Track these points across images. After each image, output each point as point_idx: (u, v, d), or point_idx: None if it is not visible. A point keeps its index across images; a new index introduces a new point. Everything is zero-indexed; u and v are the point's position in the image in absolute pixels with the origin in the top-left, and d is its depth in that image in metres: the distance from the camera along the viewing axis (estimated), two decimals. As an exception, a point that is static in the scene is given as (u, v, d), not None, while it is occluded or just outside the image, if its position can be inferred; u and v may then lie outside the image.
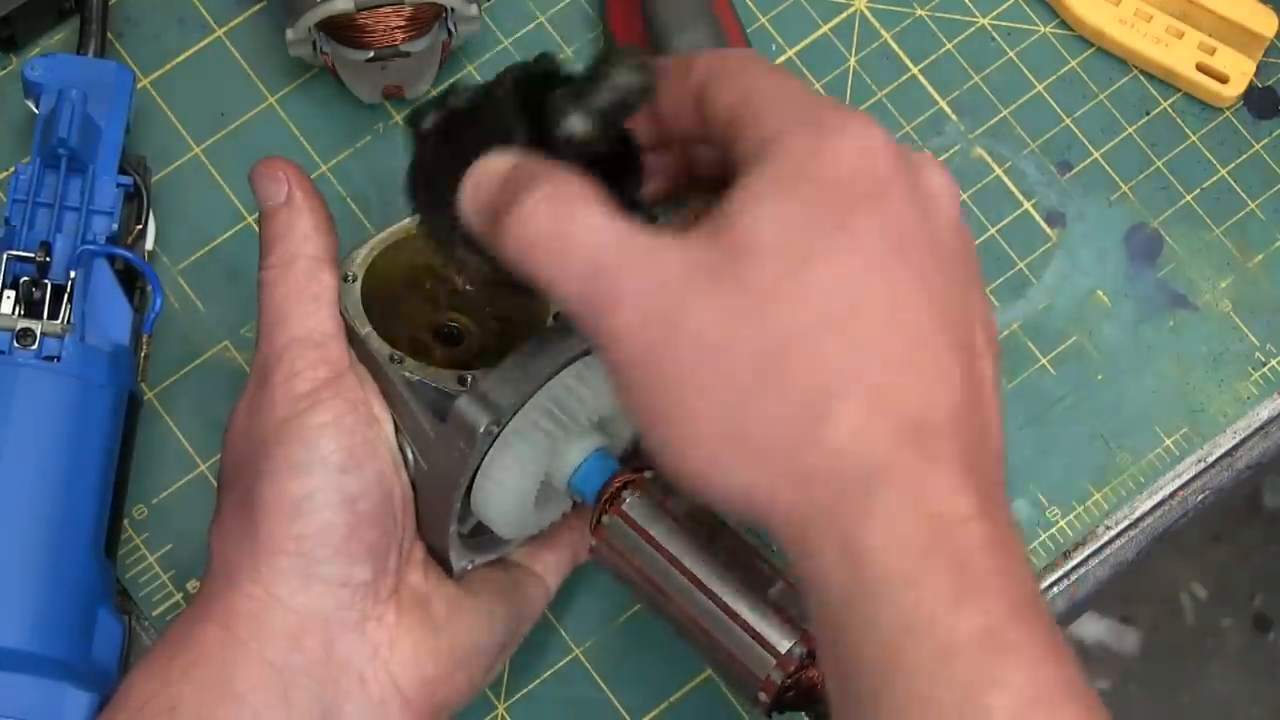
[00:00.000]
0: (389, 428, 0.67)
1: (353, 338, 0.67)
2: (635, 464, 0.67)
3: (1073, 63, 0.84)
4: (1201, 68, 0.83)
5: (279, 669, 0.64)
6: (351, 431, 0.65)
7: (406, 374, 0.67)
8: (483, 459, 0.65)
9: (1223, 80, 0.83)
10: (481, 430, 0.64)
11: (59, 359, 0.70)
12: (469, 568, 0.69)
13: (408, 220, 0.71)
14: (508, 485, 0.66)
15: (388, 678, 0.66)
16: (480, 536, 0.70)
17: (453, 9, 0.77)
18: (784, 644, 0.63)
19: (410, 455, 0.67)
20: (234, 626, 0.65)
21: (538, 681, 0.76)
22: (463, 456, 0.65)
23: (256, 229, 0.79)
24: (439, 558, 0.69)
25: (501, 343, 0.70)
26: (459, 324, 0.71)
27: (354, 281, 0.69)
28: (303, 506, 0.64)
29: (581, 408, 0.66)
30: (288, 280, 0.67)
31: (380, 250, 0.70)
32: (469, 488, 0.66)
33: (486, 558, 0.70)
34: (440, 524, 0.67)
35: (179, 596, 0.75)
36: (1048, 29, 0.84)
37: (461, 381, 0.66)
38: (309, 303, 0.67)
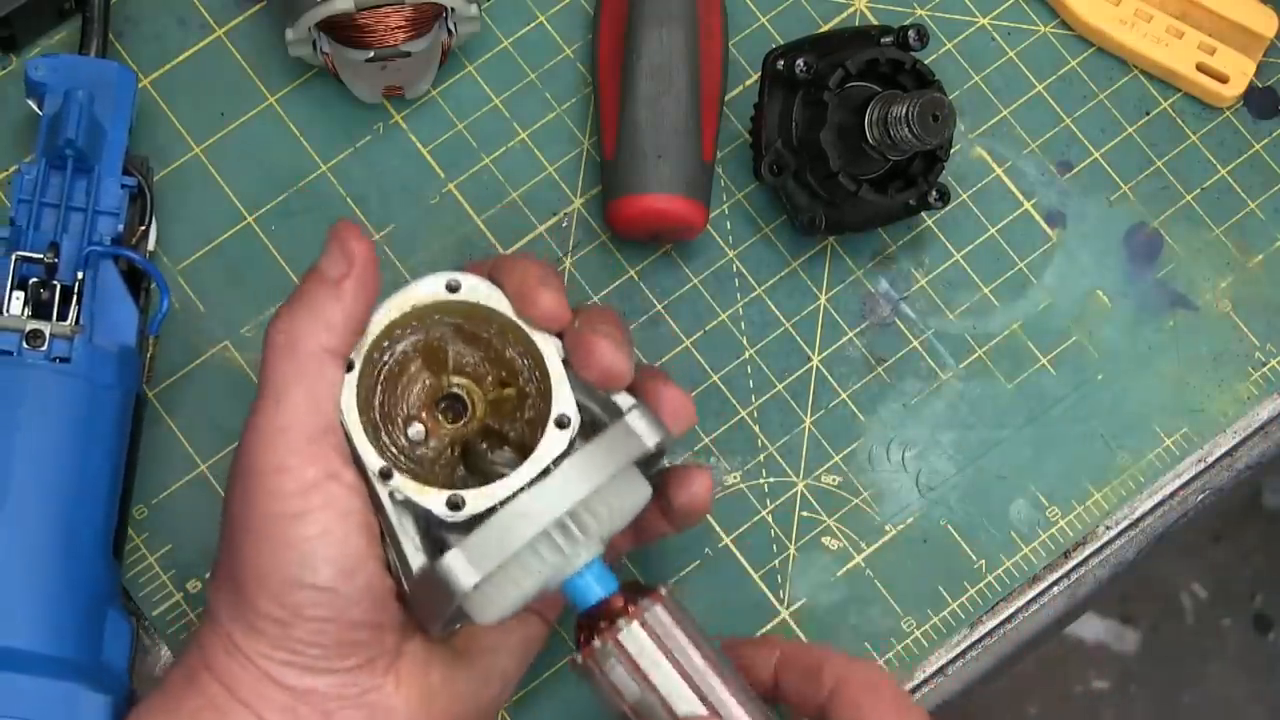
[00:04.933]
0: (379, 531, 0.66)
1: (347, 437, 0.66)
2: (632, 585, 0.65)
3: (1073, 63, 0.84)
4: (1201, 68, 0.83)
5: None
6: (342, 543, 0.64)
7: (394, 493, 0.66)
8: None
9: (1223, 80, 0.83)
10: (459, 596, 0.63)
11: (68, 360, 0.70)
12: (456, 628, 0.69)
13: (415, 288, 0.68)
14: (506, 600, 0.65)
15: None
16: None
17: (453, 9, 0.77)
18: None
19: (395, 566, 0.66)
20: (235, 688, 0.65)
21: (537, 682, 0.76)
22: (446, 601, 0.63)
23: (257, 229, 0.79)
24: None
25: (504, 411, 0.69)
26: (463, 389, 0.69)
27: (352, 370, 0.67)
28: (295, 617, 0.64)
29: (596, 528, 0.65)
30: (293, 360, 0.65)
31: (383, 327, 0.68)
32: None
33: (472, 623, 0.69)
34: (428, 633, 0.67)
35: (179, 596, 0.75)
36: (1048, 29, 0.84)
37: (451, 504, 0.65)
38: (307, 392, 0.65)
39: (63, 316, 0.71)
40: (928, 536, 0.78)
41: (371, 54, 0.76)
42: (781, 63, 0.77)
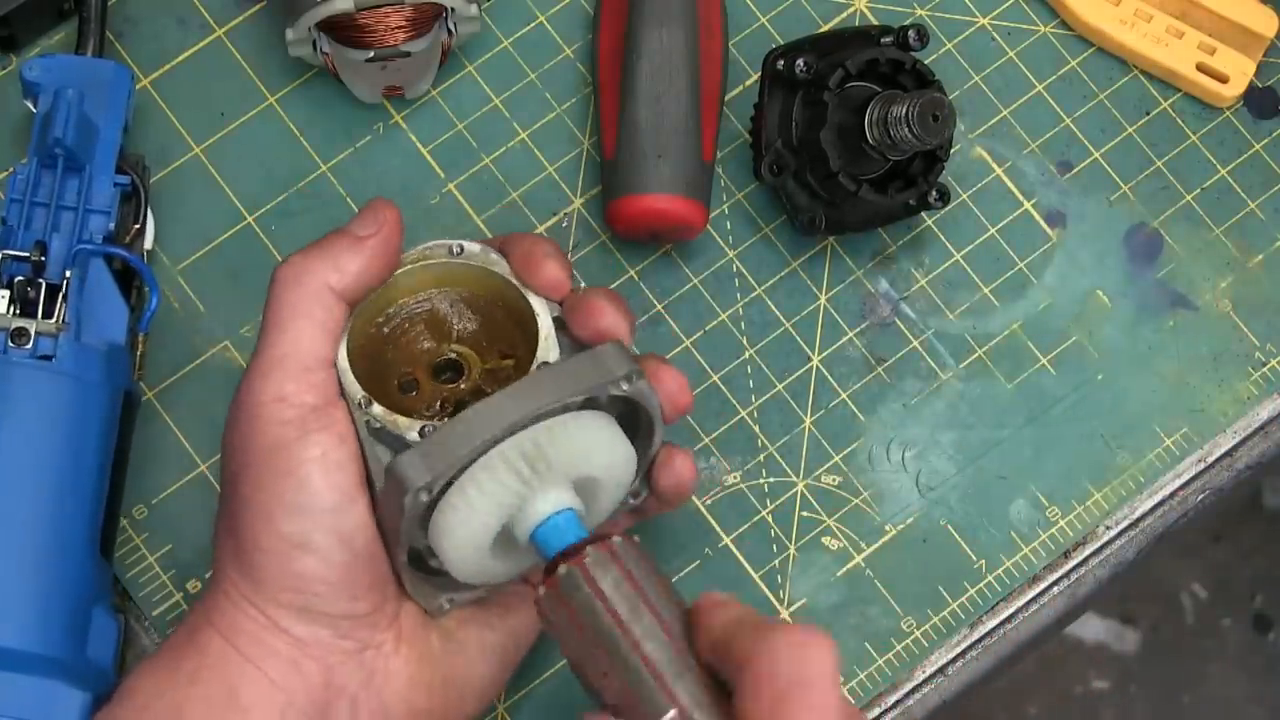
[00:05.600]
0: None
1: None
2: (603, 532, 0.64)
3: (1073, 63, 0.84)
4: (1201, 68, 0.83)
5: (279, 687, 0.65)
6: (340, 467, 0.65)
7: (370, 420, 0.66)
8: (430, 513, 0.64)
9: (1223, 80, 0.83)
10: (409, 495, 0.62)
11: (53, 358, 0.70)
12: (446, 607, 0.68)
13: (418, 249, 0.70)
14: (466, 527, 0.64)
15: (379, 705, 0.66)
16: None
17: (453, 9, 0.77)
18: None
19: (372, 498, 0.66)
20: (236, 641, 0.65)
21: (538, 681, 0.76)
22: (400, 513, 0.63)
23: (257, 229, 0.79)
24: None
25: (500, 380, 0.69)
26: (461, 356, 0.70)
27: (350, 315, 0.67)
28: (299, 547, 0.64)
29: (555, 462, 0.64)
30: (298, 291, 0.66)
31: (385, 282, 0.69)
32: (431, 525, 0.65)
33: (465, 596, 0.69)
34: (394, 567, 0.66)
35: (179, 596, 0.75)
36: (1048, 29, 0.84)
37: (423, 433, 0.65)
38: (308, 322, 0.66)
39: (49, 314, 0.71)
40: (928, 536, 0.78)
41: (371, 54, 0.76)
42: (781, 63, 0.77)
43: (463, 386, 0.70)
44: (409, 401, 0.69)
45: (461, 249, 0.69)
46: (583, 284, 0.80)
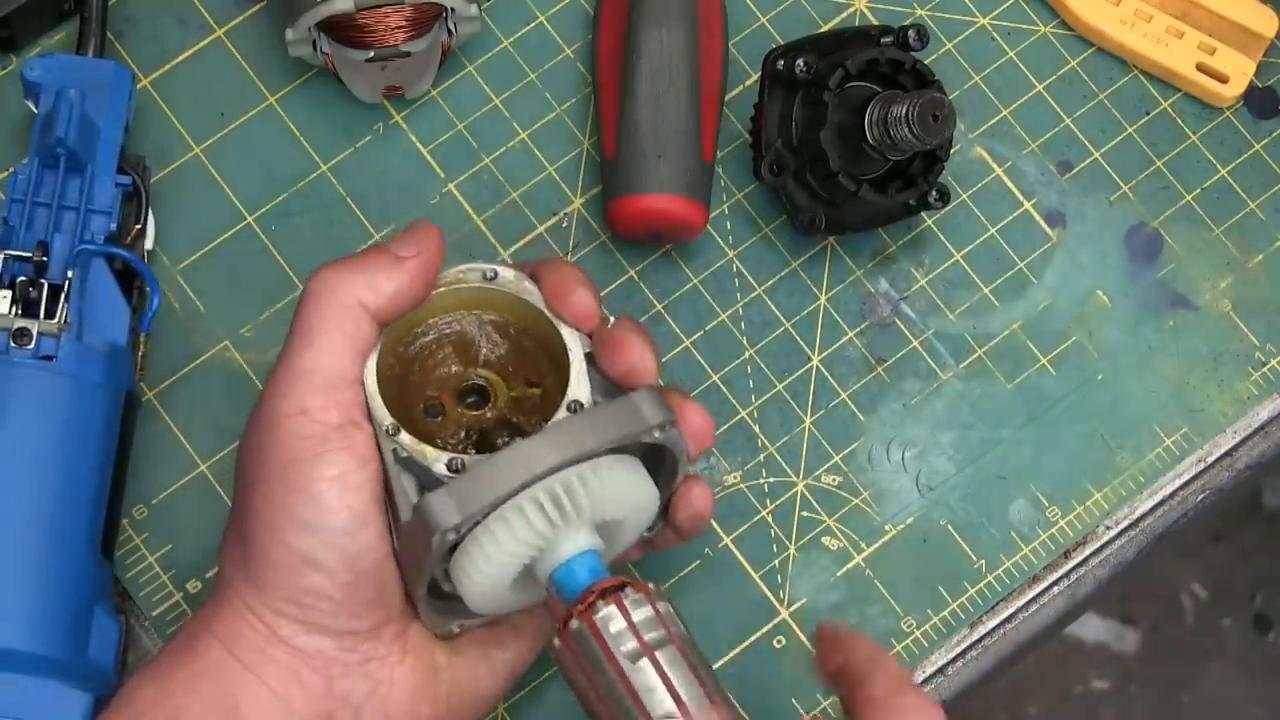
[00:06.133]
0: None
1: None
2: (619, 576, 0.64)
3: (1073, 63, 0.84)
4: (1201, 68, 0.83)
5: (280, 696, 0.65)
6: (357, 489, 0.64)
7: (397, 448, 0.65)
8: (453, 550, 0.64)
9: (1223, 80, 0.83)
10: (437, 535, 0.62)
11: (55, 358, 0.70)
12: (456, 631, 0.68)
13: (451, 272, 0.69)
14: (489, 565, 0.63)
15: (384, 716, 0.66)
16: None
17: (453, 9, 0.77)
18: None
19: (392, 526, 0.66)
20: (237, 649, 0.65)
21: (538, 681, 0.76)
22: (426, 550, 0.63)
23: (257, 229, 0.79)
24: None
25: (525, 408, 0.69)
26: (487, 381, 0.70)
27: (379, 336, 0.67)
28: (305, 563, 0.64)
29: (583, 508, 0.63)
30: (330, 306, 0.65)
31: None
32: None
33: (475, 622, 0.68)
34: (412, 598, 0.66)
35: (179, 596, 0.75)
36: (1048, 29, 0.84)
37: (452, 466, 0.65)
38: (339, 336, 0.65)
39: (50, 315, 0.71)
40: (928, 536, 0.78)
41: (371, 54, 0.76)
42: (781, 63, 0.77)
43: (488, 415, 0.69)
44: (433, 427, 0.69)
45: (495, 274, 0.69)
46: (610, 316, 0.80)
